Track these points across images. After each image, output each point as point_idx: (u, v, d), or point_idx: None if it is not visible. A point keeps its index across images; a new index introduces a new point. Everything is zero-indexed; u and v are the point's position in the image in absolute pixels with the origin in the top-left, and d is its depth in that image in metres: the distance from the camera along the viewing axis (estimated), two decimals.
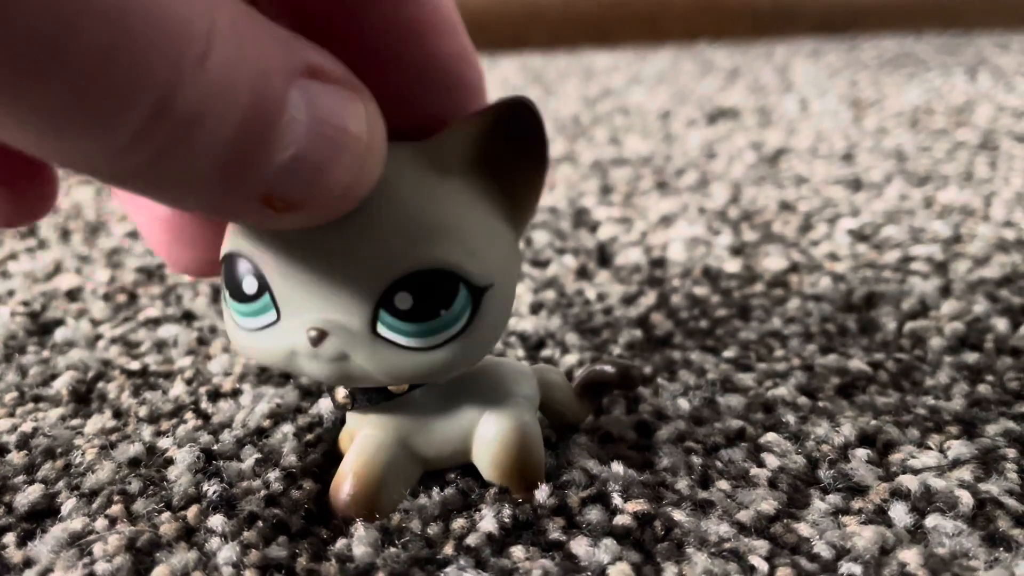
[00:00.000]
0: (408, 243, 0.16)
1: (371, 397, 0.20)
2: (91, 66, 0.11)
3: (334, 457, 0.22)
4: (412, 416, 0.20)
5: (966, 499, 0.20)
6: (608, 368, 0.23)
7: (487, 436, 0.20)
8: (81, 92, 0.11)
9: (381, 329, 0.17)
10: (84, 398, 0.26)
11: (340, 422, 0.23)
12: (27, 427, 0.24)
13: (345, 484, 0.20)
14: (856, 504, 0.20)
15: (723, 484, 0.21)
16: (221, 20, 0.12)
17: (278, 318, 0.17)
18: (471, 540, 0.19)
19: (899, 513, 0.20)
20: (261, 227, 0.16)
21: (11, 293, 0.34)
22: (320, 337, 0.17)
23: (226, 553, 0.18)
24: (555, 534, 0.19)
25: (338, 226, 0.16)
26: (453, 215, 0.17)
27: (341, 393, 0.20)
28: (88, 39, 0.11)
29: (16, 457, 0.23)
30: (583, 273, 0.36)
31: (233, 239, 0.17)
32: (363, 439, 0.20)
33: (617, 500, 0.20)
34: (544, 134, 0.17)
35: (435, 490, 0.20)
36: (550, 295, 0.33)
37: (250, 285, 0.17)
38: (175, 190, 0.13)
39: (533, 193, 0.18)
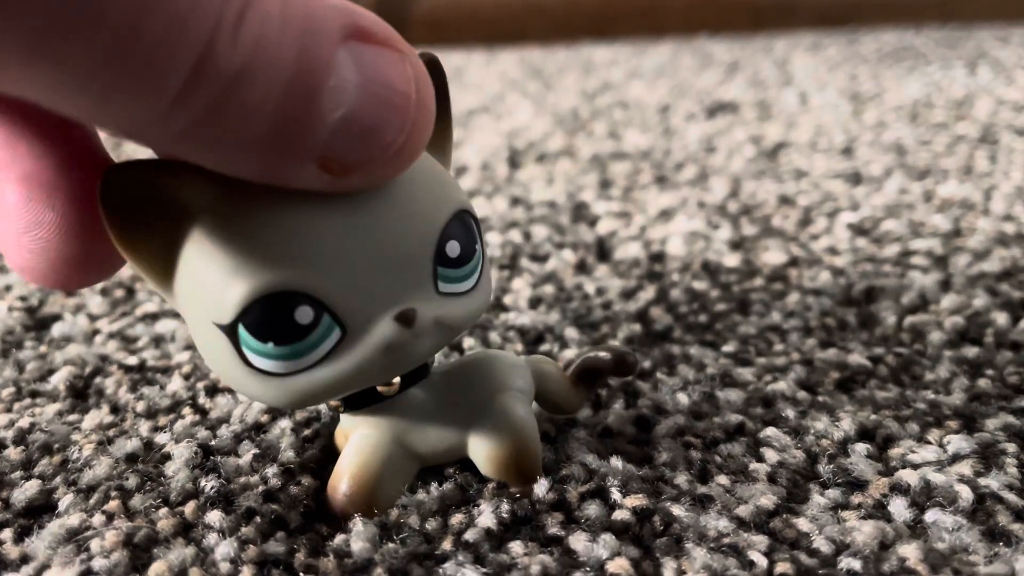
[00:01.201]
0: (435, 197, 0.17)
1: (361, 400, 0.20)
2: (128, 19, 0.11)
3: (332, 452, 0.22)
4: (407, 414, 0.20)
5: (966, 494, 0.20)
6: (603, 354, 0.23)
7: (483, 432, 0.20)
8: (120, 47, 0.11)
9: (442, 286, 0.17)
10: (81, 393, 0.26)
11: (337, 418, 0.23)
12: (24, 423, 0.24)
13: (342, 484, 0.20)
14: (856, 499, 0.20)
15: (722, 479, 0.21)
16: None
17: (343, 335, 0.16)
18: (469, 535, 0.19)
19: (899, 508, 0.20)
20: (319, 190, 0.15)
21: (8, 288, 0.34)
22: (410, 317, 0.16)
23: (224, 549, 0.18)
24: (554, 529, 0.19)
25: (367, 210, 0.16)
26: (438, 165, 0.18)
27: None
28: None
29: (13, 453, 0.22)
30: (582, 267, 0.36)
31: (259, 274, 0.15)
32: (359, 438, 0.20)
33: (616, 495, 0.20)
34: (447, 87, 0.18)
35: (433, 485, 0.20)
36: (549, 289, 0.33)
37: (304, 315, 0.16)
38: (228, 153, 0.13)
39: (450, 141, 0.19)
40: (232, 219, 0.16)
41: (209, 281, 0.16)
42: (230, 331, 0.16)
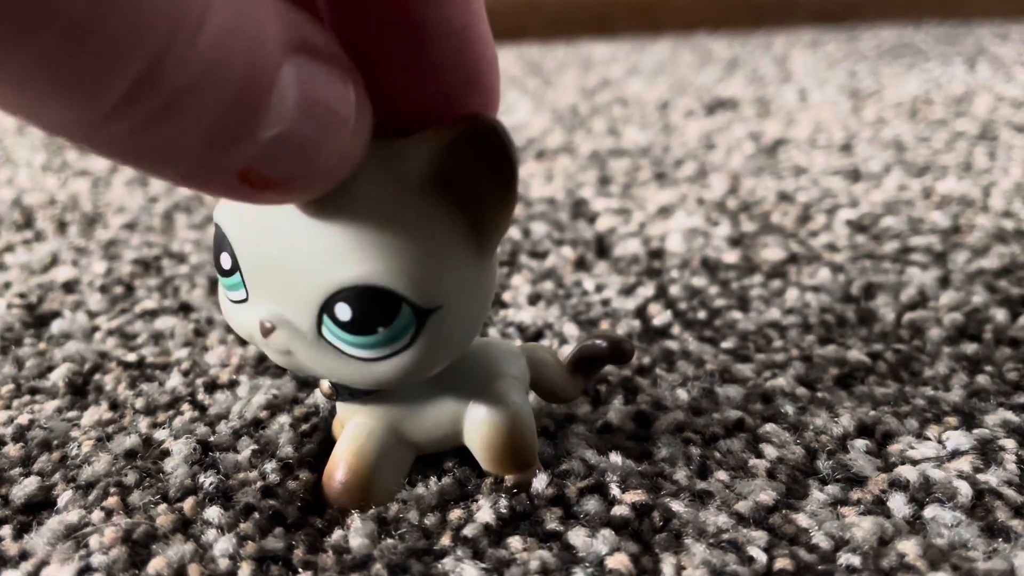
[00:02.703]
0: (353, 255, 0.16)
1: (353, 391, 0.20)
2: (79, 25, 0.10)
3: (330, 446, 0.22)
4: (402, 401, 0.20)
5: (965, 490, 0.20)
6: (599, 342, 0.23)
7: (477, 418, 0.20)
8: (67, 52, 0.10)
9: (326, 333, 0.17)
10: (81, 390, 0.26)
11: (335, 411, 0.23)
12: (23, 419, 0.24)
13: (337, 472, 0.20)
14: (855, 495, 0.20)
15: (721, 475, 0.21)
16: None
17: (246, 297, 0.18)
18: (468, 531, 0.19)
19: (898, 504, 0.20)
20: (238, 200, 0.15)
21: (7, 285, 0.34)
22: (269, 329, 0.17)
23: (222, 545, 0.18)
24: (552, 525, 0.19)
25: (296, 220, 0.16)
26: (405, 235, 0.16)
27: (325, 385, 0.20)
28: None
29: (12, 449, 0.22)
30: (581, 264, 0.36)
31: (218, 209, 0.18)
32: (354, 427, 0.20)
33: (615, 490, 0.20)
34: (511, 158, 0.16)
35: (432, 480, 0.20)
36: (548, 286, 0.33)
37: (225, 260, 0.18)
38: (153, 161, 0.13)
39: (499, 216, 0.17)
40: None
41: None
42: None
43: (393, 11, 0.15)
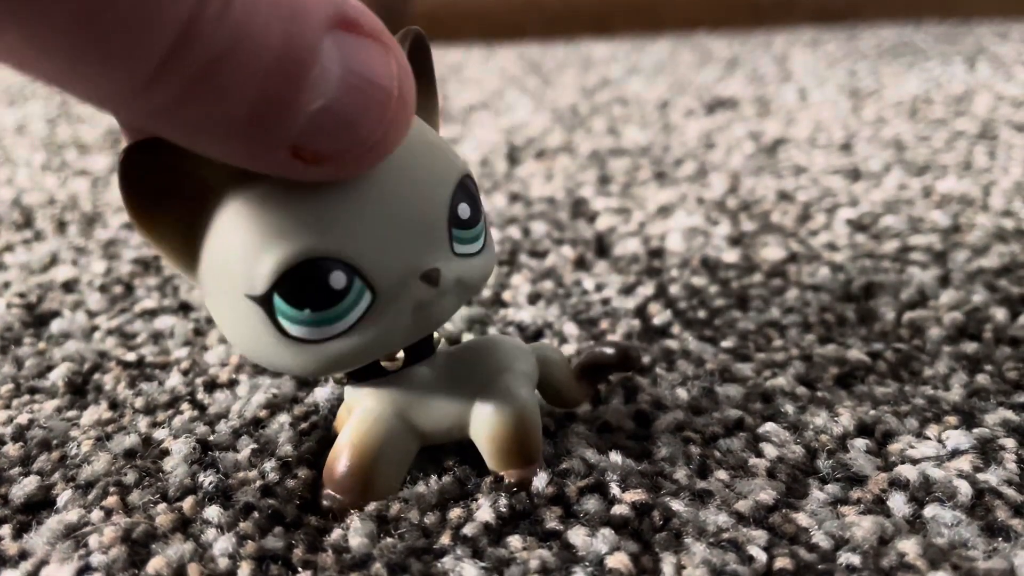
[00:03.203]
0: (443, 163, 0.18)
1: (365, 372, 0.20)
2: None
3: (329, 443, 0.22)
4: (410, 390, 0.20)
5: (965, 489, 0.20)
6: (607, 350, 0.23)
7: (485, 411, 0.20)
8: (93, 12, 0.11)
9: (457, 247, 0.18)
10: (80, 390, 0.26)
11: (334, 410, 0.23)
12: (23, 419, 0.24)
13: (343, 456, 0.19)
14: (855, 494, 0.20)
15: (721, 474, 0.21)
16: None
17: (374, 299, 0.17)
18: (468, 530, 0.19)
19: (898, 503, 0.20)
20: (289, 177, 0.15)
21: (7, 285, 0.34)
22: (434, 276, 0.17)
23: (222, 544, 0.18)
24: (552, 524, 0.19)
25: (387, 178, 0.16)
26: (433, 131, 0.18)
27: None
28: None
29: (12, 449, 0.22)
30: (581, 263, 0.36)
31: (292, 242, 0.16)
32: (361, 412, 0.20)
33: (615, 490, 0.20)
34: (430, 55, 0.19)
35: (432, 478, 0.20)
36: (548, 285, 0.33)
37: (337, 280, 0.16)
38: (201, 134, 0.13)
39: (436, 109, 0.20)
40: (256, 192, 0.16)
41: (239, 254, 0.16)
42: (264, 301, 0.16)
43: None
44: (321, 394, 0.24)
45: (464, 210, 0.18)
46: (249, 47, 0.12)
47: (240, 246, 0.16)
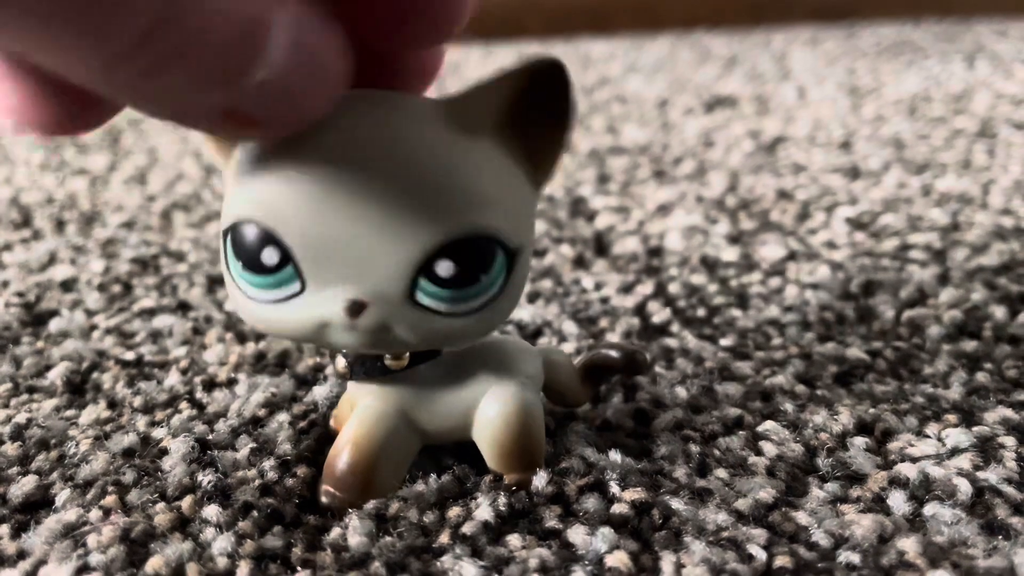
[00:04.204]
0: (448, 208, 0.16)
1: (369, 370, 0.20)
2: None
3: (328, 441, 0.22)
4: (414, 388, 0.20)
5: (964, 487, 0.20)
6: (613, 353, 0.23)
7: (489, 413, 0.20)
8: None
9: (420, 297, 0.16)
10: (79, 389, 0.26)
11: (333, 407, 0.23)
12: (21, 418, 0.24)
13: (344, 453, 0.19)
14: (854, 492, 0.20)
15: (721, 472, 0.21)
16: None
17: (302, 289, 0.17)
18: (467, 528, 0.19)
19: (897, 501, 0.20)
20: (214, 135, 0.16)
21: (5, 284, 0.34)
22: (359, 308, 0.16)
23: (221, 543, 0.18)
24: (552, 522, 0.19)
25: (370, 190, 0.15)
26: (488, 178, 0.16)
27: (341, 363, 0.20)
28: None
29: (10, 448, 0.22)
30: (580, 262, 0.36)
31: (244, 204, 0.16)
32: (363, 409, 0.20)
33: (615, 488, 0.20)
34: (572, 96, 0.16)
35: (431, 477, 0.20)
36: (547, 284, 0.33)
37: (271, 256, 0.16)
38: (149, 102, 0.13)
39: (555, 154, 0.18)
40: (259, 145, 0.16)
41: (227, 191, 0.17)
42: (224, 238, 0.17)
43: None
44: (320, 393, 0.24)
45: (446, 268, 0.16)
46: (215, 26, 0.12)
47: (229, 185, 0.17)
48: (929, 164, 0.48)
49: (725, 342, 0.28)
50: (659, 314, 0.30)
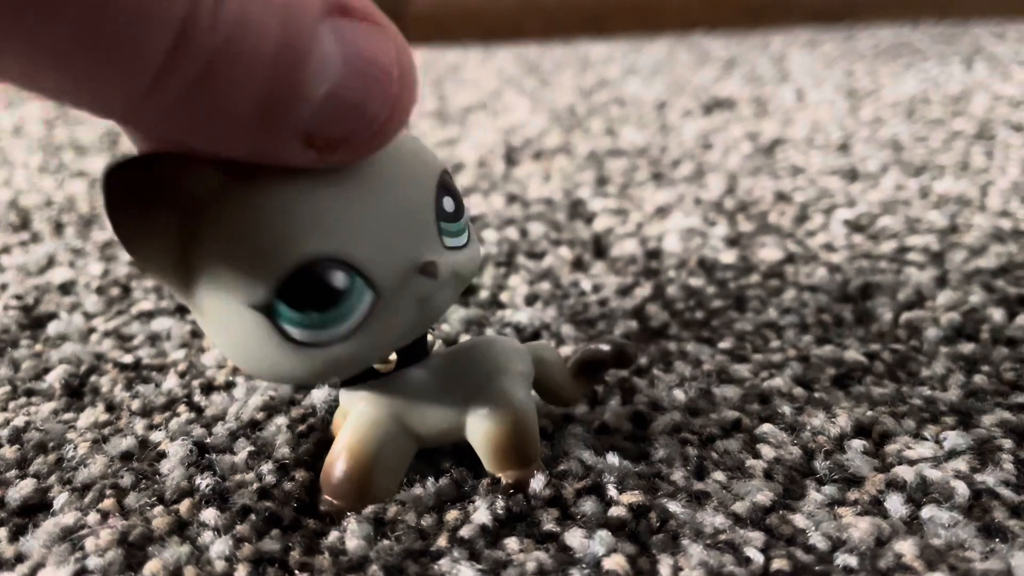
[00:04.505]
0: (424, 159, 0.18)
1: (358, 376, 0.20)
2: None
3: (327, 445, 0.22)
4: (407, 393, 0.20)
5: (962, 490, 0.20)
6: (603, 346, 0.23)
7: (481, 414, 0.20)
8: (94, 22, 0.11)
9: (446, 240, 0.18)
10: (77, 392, 0.26)
11: (332, 411, 0.23)
12: (19, 421, 0.24)
13: (339, 461, 0.19)
14: (852, 495, 0.20)
15: (719, 475, 0.21)
16: None
17: (376, 297, 0.16)
18: (465, 532, 0.19)
19: (895, 504, 0.20)
20: (303, 166, 0.15)
21: (4, 287, 0.34)
22: (431, 268, 0.17)
23: (219, 547, 0.18)
24: (549, 526, 0.19)
25: (374, 173, 0.16)
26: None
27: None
28: None
29: (8, 451, 0.22)
30: (579, 264, 0.36)
31: (291, 247, 0.16)
32: (357, 416, 0.20)
33: (612, 491, 0.20)
34: None
35: (429, 481, 0.20)
36: (545, 286, 0.33)
37: (339, 279, 0.16)
38: (213, 131, 0.13)
39: None
40: (246, 201, 0.16)
41: (237, 264, 0.16)
42: (267, 308, 0.16)
43: None
44: (318, 396, 0.24)
45: (449, 203, 0.18)
46: (246, 42, 0.12)
47: (238, 256, 0.16)
48: (927, 166, 0.48)
49: (723, 345, 0.28)
50: (657, 316, 0.30)
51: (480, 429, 0.20)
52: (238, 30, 0.12)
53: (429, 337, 0.21)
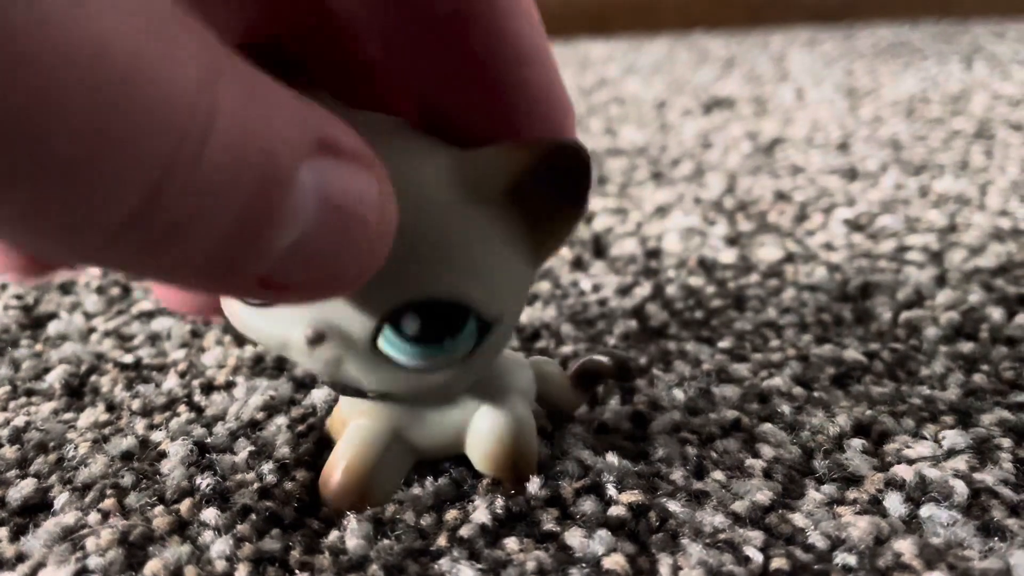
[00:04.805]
0: (425, 268, 0.16)
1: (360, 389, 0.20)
2: (71, 167, 0.09)
3: (327, 444, 0.22)
4: (406, 406, 0.20)
5: (961, 489, 0.20)
6: (604, 360, 0.23)
7: (482, 429, 0.20)
8: (60, 194, 0.10)
9: (382, 344, 0.16)
10: (77, 392, 0.26)
11: (331, 410, 0.23)
12: (20, 421, 0.24)
13: (335, 474, 0.20)
14: (851, 494, 0.20)
15: (718, 475, 0.21)
16: (225, 95, 0.10)
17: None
18: (464, 531, 0.19)
19: (894, 503, 0.20)
20: (254, 300, 0.15)
21: (4, 287, 0.34)
22: (318, 339, 0.16)
23: (219, 547, 0.18)
24: (549, 525, 0.19)
25: None
26: (475, 246, 0.16)
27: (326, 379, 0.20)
28: (67, 127, 0.09)
29: (8, 451, 0.22)
30: (578, 264, 0.36)
31: None
32: (355, 429, 0.20)
33: (611, 491, 0.20)
34: (589, 181, 0.16)
35: (428, 480, 0.20)
36: (545, 286, 0.33)
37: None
38: (166, 276, 0.12)
39: (562, 233, 0.17)
40: None
41: None
42: None
43: (476, 72, 0.15)
44: (318, 396, 0.24)
45: (411, 325, 0.16)
46: (221, 194, 0.11)
47: None
48: (927, 165, 0.48)
49: (723, 344, 0.28)
50: (657, 316, 0.30)
51: (480, 446, 0.20)
52: (210, 191, 0.11)
53: None
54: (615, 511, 0.19)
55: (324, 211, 0.12)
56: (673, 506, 0.20)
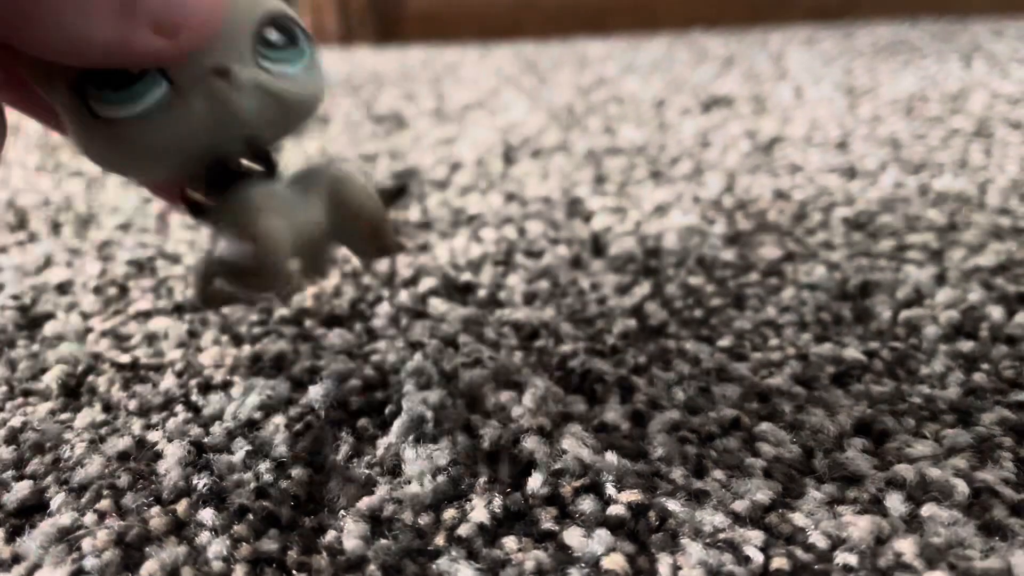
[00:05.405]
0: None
1: (218, 180, 0.20)
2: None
3: (325, 444, 0.22)
4: (268, 194, 0.20)
5: (962, 488, 0.20)
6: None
7: (338, 175, 0.21)
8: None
9: (265, 63, 0.19)
10: (74, 392, 0.26)
11: (333, 409, 0.23)
12: (16, 422, 0.24)
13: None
14: (851, 494, 0.20)
15: (718, 474, 0.21)
16: None
17: (170, 87, 0.18)
18: (463, 531, 0.19)
19: (895, 502, 0.20)
20: (160, 55, 0.17)
21: (1, 287, 0.34)
22: (224, 72, 0.18)
23: (216, 547, 0.18)
24: (548, 524, 0.19)
25: None
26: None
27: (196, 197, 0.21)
28: None
29: (5, 452, 0.22)
30: (577, 263, 0.36)
31: None
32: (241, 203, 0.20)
33: (611, 490, 0.20)
34: None
35: (427, 479, 0.20)
36: (544, 285, 0.33)
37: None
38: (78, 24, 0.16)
39: None
40: None
41: None
42: (78, 88, 0.18)
43: None
44: (315, 394, 0.24)
45: (274, 35, 0.19)
46: None
47: None
48: (926, 164, 0.48)
49: (722, 343, 0.28)
50: (656, 315, 0.30)
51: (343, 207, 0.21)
52: None
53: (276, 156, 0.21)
54: (614, 510, 0.19)
55: None
56: (673, 505, 0.20)
